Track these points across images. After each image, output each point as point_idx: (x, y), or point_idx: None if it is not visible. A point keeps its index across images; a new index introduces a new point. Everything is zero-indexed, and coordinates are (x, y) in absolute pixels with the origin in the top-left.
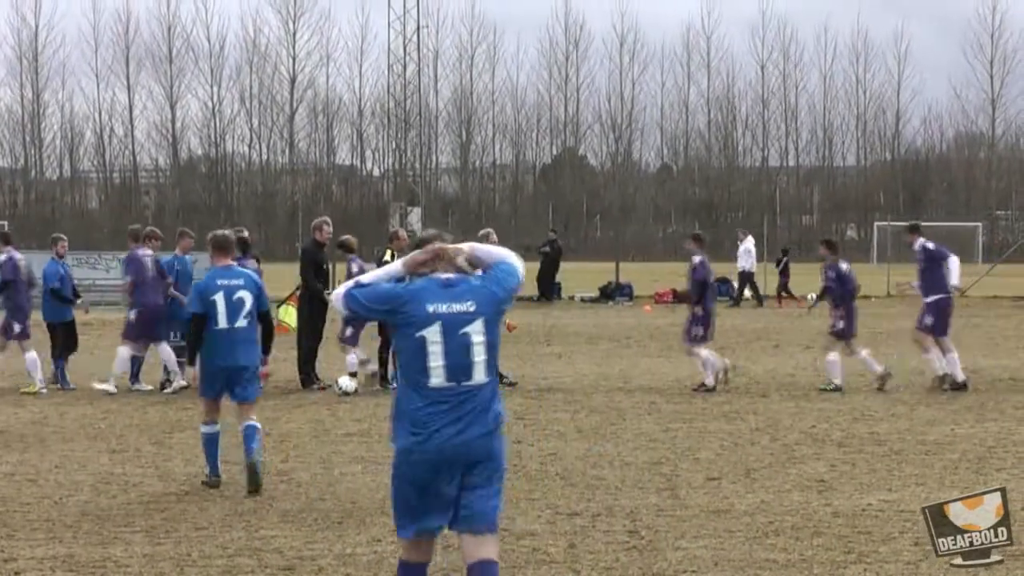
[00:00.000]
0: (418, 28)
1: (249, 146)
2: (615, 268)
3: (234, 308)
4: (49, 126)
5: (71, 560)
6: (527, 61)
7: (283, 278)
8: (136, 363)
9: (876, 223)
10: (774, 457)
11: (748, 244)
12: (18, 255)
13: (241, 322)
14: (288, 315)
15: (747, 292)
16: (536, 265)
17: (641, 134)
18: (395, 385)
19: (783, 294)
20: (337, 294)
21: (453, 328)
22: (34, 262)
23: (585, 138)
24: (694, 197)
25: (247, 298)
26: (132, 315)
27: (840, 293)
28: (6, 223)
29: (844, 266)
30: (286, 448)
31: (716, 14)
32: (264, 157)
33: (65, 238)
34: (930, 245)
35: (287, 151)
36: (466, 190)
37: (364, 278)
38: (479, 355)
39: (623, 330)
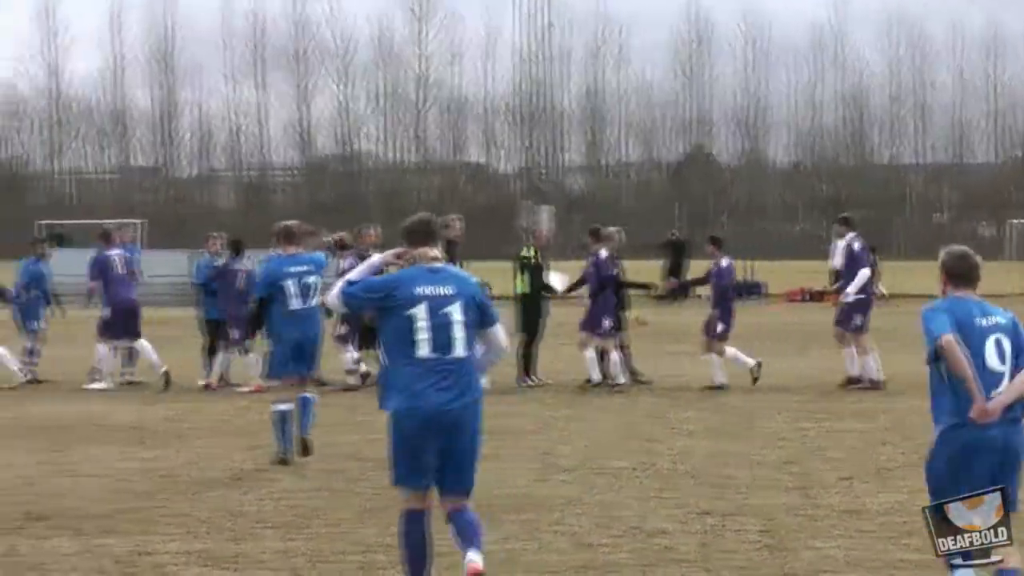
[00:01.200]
0: (547, 26)
1: (379, 144)
2: (745, 266)
3: (305, 290)
4: (183, 126)
5: (206, 555)
6: (656, 59)
7: None
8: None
9: (1010, 221)
10: (905, 457)
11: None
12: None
13: (311, 302)
14: None
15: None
16: (660, 264)
17: (770, 132)
18: (530, 382)
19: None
20: (332, 295)
21: (436, 307)
22: (167, 260)
23: (714, 136)
24: (822, 195)
25: (316, 281)
26: (107, 313)
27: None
28: (139, 221)
29: (725, 263)
30: None
31: (845, 11)
32: (394, 155)
33: (219, 235)
34: (856, 245)
35: (417, 149)
36: (595, 188)
37: (352, 276)
38: (458, 332)
39: (754, 328)
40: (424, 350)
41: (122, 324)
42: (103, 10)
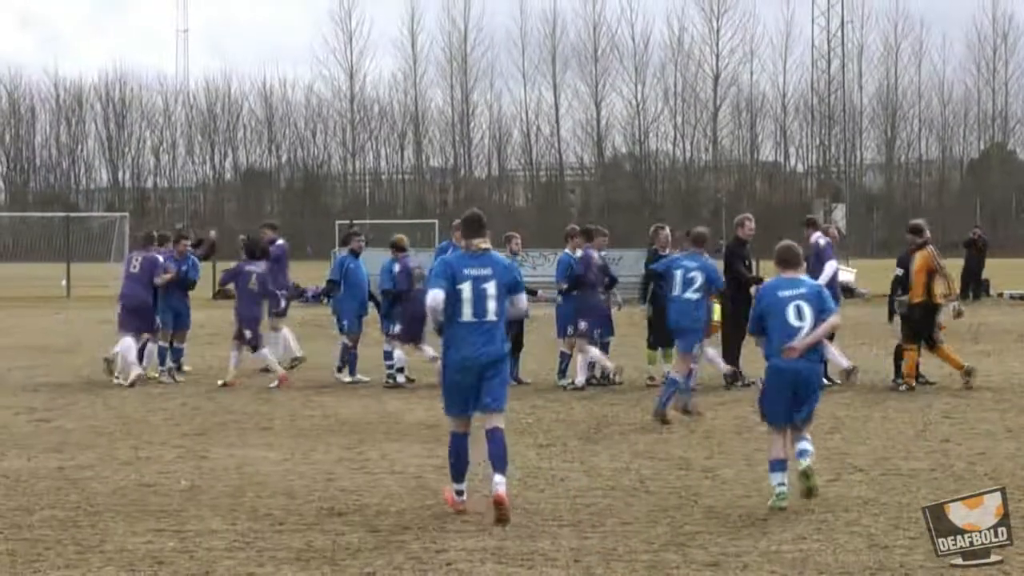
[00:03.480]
0: (842, 23)
1: (672, 143)
2: None
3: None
4: (478, 126)
5: (500, 552)
6: (953, 55)
7: None
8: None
9: None
10: None
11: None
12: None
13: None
14: (713, 311)
15: None
16: (960, 262)
17: None
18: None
19: None
20: (429, 305)
21: (477, 284)
22: None
23: (1014, 132)
24: None
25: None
26: (119, 307)
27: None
28: (437, 221)
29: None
30: (710, 445)
31: None
32: (687, 154)
33: (517, 236)
34: (822, 242)
35: (710, 148)
36: (891, 186)
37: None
38: (491, 302)
39: None
40: (467, 316)
41: (132, 320)
42: (399, 13)
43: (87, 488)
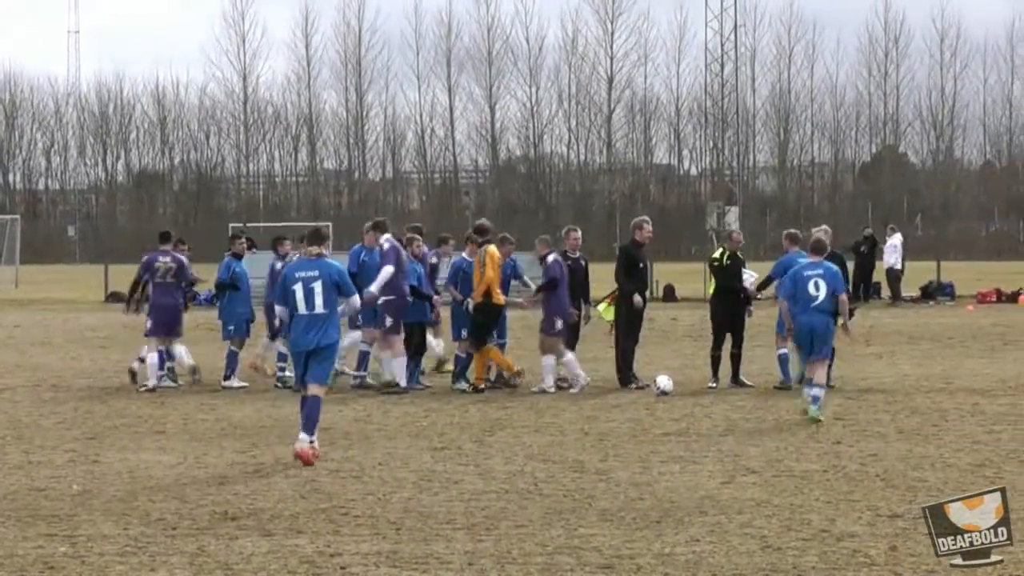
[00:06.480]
0: (735, 26)
1: (567, 146)
2: (936, 267)
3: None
4: (372, 128)
5: (394, 556)
6: (846, 58)
7: (600, 277)
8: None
9: None
10: None
11: (895, 240)
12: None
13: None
14: (608, 313)
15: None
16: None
17: (963, 131)
18: (713, 384)
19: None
20: (278, 310)
21: (306, 283)
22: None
23: (905, 135)
24: (1018, 194)
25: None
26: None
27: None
28: (331, 223)
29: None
30: (604, 447)
31: None
32: (582, 157)
33: (420, 238)
34: (392, 243)
35: (604, 151)
36: (784, 189)
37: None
38: (319, 297)
39: (945, 330)
40: (301, 309)
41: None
42: (293, 14)
43: None
